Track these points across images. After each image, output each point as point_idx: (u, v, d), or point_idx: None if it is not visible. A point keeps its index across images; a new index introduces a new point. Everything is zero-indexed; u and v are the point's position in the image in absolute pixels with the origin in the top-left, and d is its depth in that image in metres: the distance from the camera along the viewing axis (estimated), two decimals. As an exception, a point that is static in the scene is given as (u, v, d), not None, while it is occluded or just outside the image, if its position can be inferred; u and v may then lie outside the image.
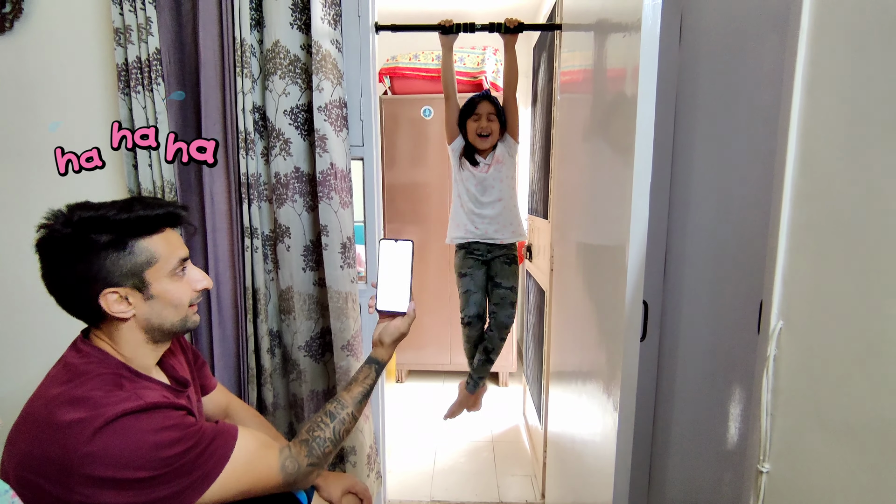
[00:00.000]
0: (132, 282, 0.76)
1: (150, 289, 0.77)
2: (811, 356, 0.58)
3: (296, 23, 1.22)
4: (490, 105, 1.72)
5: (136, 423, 0.69)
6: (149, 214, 0.77)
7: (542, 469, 1.79)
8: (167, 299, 0.79)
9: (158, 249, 0.78)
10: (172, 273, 0.79)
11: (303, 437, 0.87)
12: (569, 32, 1.43)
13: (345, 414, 0.91)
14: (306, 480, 0.86)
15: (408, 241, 1.00)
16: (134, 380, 0.77)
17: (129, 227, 0.76)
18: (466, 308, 1.81)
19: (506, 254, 1.81)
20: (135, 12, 1.21)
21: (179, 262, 0.80)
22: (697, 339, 1.03)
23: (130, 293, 0.76)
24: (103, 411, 0.68)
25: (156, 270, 0.77)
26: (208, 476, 0.73)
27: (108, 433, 0.67)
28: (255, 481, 0.79)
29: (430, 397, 2.72)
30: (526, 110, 2.65)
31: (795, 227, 0.61)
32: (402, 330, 0.99)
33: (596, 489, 1.03)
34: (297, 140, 1.26)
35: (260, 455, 0.81)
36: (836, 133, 0.55)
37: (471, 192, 1.76)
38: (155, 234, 0.78)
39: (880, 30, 0.49)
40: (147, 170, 1.27)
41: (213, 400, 1.05)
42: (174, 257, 0.79)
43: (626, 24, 0.87)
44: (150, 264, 0.77)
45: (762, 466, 0.64)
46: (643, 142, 0.82)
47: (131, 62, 1.23)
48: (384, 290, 1.00)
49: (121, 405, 0.69)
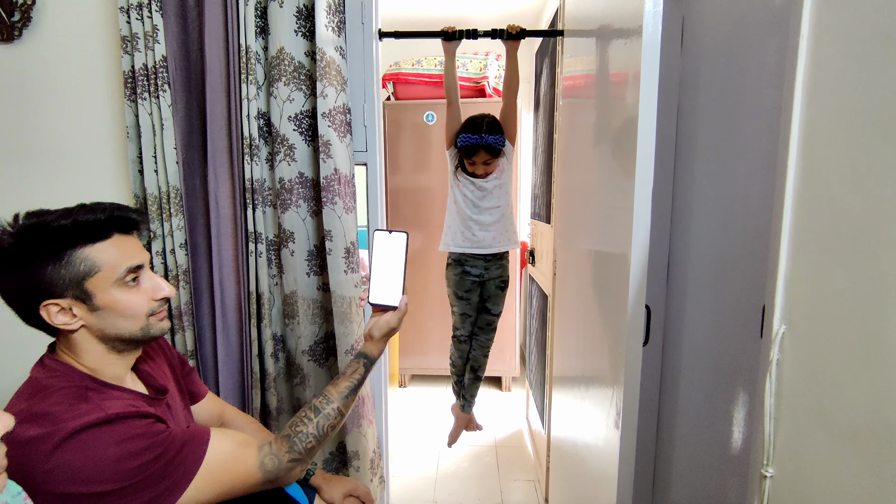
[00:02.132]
0: (73, 293, 0.72)
1: (94, 300, 0.73)
2: (814, 360, 0.58)
3: (300, 30, 1.23)
4: (487, 154, 1.68)
5: (97, 436, 0.67)
6: (89, 220, 0.72)
7: (545, 474, 1.79)
8: (117, 310, 0.74)
9: (102, 258, 0.73)
10: (121, 283, 0.74)
11: (285, 433, 0.85)
12: (571, 38, 1.44)
13: (330, 409, 0.88)
14: (289, 476, 0.83)
15: (402, 233, 0.96)
16: (101, 391, 0.75)
17: (71, 234, 0.71)
18: (462, 328, 1.89)
19: (500, 275, 1.84)
20: (142, 20, 1.23)
21: (127, 272, 0.75)
22: (700, 343, 1.03)
23: (74, 304, 0.72)
24: (63, 426, 0.66)
25: (99, 280, 0.73)
26: (180, 483, 0.71)
27: (68, 448, 0.65)
28: (234, 481, 0.77)
29: (433, 402, 2.72)
30: (528, 115, 2.66)
31: (797, 231, 0.61)
32: (392, 325, 0.96)
33: (599, 494, 1.03)
34: (301, 146, 1.27)
35: (237, 455, 0.78)
36: (838, 137, 0.55)
37: (468, 198, 1.76)
38: (100, 242, 0.73)
39: (880, 34, 0.50)
40: (153, 175, 1.28)
41: (206, 408, 1.03)
42: (120, 266, 0.74)
43: (628, 29, 0.88)
44: (90, 274, 0.72)
45: (766, 471, 0.64)
46: (645, 146, 0.82)
47: (138, 69, 1.24)
48: (377, 282, 0.97)
49: (81, 419, 0.67)
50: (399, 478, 2.01)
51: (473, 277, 1.82)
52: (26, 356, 0.81)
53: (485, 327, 1.90)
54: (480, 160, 1.70)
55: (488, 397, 2.77)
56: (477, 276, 1.82)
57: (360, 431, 1.35)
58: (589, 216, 1.18)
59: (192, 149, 1.30)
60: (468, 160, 1.72)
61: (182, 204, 1.28)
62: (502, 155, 1.75)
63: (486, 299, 1.87)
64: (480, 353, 1.92)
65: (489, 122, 1.70)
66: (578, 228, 1.29)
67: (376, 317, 0.98)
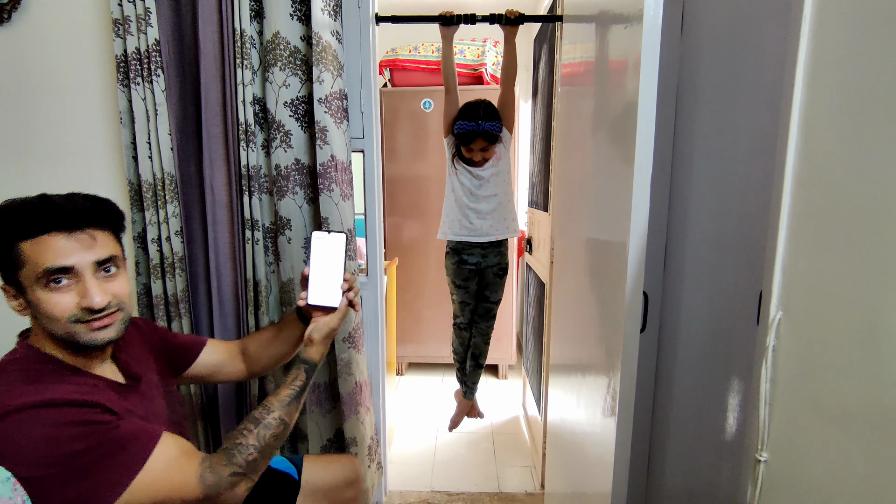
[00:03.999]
0: (13, 282, 0.74)
1: (26, 293, 0.74)
2: (810, 346, 0.58)
3: (296, 14, 1.21)
4: (484, 141, 1.67)
5: (32, 418, 0.66)
6: (30, 215, 0.73)
7: (541, 459, 1.81)
8: (41, 309, 0.73)
9: (30, 254, 0.72)
10: (40, 283, 0.72)
11: (223, 446, 0.81)
12: (570, 24, 1.42)
13: (271, 418, 0.85)
14: (233, 493, 0.78)
15: (341, 234, 0.99)
16: (60, 374, 0.74)
17: (12, 226, 0.72)
18: (462, 315, 1.90)
19: (498, 263, 1.84)
20: (133, 3, 1.20)
21: (45, 273, 0.72)
22: (697, 329, 1.04)
23: (16, 294, 0.75)
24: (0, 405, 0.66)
25: (24, 275, 0.73)
26: (116, 481, 0.69)
27: (1, 427, 0.65)
28: (171, 491, 0.73)
29: (430, 389, 2.74)
30: (526, 103, 2.64)
31: (795, 217, 0.61)
32: (331, 325, 0.97)
33: (595, 479, 1.04)
34: (297, 132, 1.25)
35: (180, 464, 0.75)
36: (837, 122, 0.55)
37: (465, 185, 1.75)
38: (39, 237, 0.72)
39: (881, 17, 0.49)
40: (147, 161, 1.27)
41: (206, 361, 1.05)
42: (40, 266, 0.72)
43: (628, 15, 0.87)
44: (19, 268, 0.73)
45: (760, 455, 0.65)
46: (644, 134, 0.82)
47: (130, 53, 1.22)
48: (315, 284, 0.98)
49: (17, 399, 0.67)
50: (396, 464, 2.02)
51: (471, 266, 1.82)
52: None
53: (484, 315, 1.90)
54: (478, 147, 1.69)
55: (485, 385, 2.79)
56: (474, 265, 1.82)
57: (357, 418, 1.36)
58: (587, 204, 1.17)
59: (187, 135, 1.28)
60: (465, 148, 1.71)
61: (177, 191, 1.27)
62: (499, 142, 1.73)
63: (485, 287, 1.87)
64: (481, 341, 1.93)
65: (486, 108, 1.68)
66: (576, 216, 1.29)
67: (316, 319, 0.98)
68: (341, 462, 1.16)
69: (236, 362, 1.11)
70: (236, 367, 1.11)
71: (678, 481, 1.11)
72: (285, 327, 1.10)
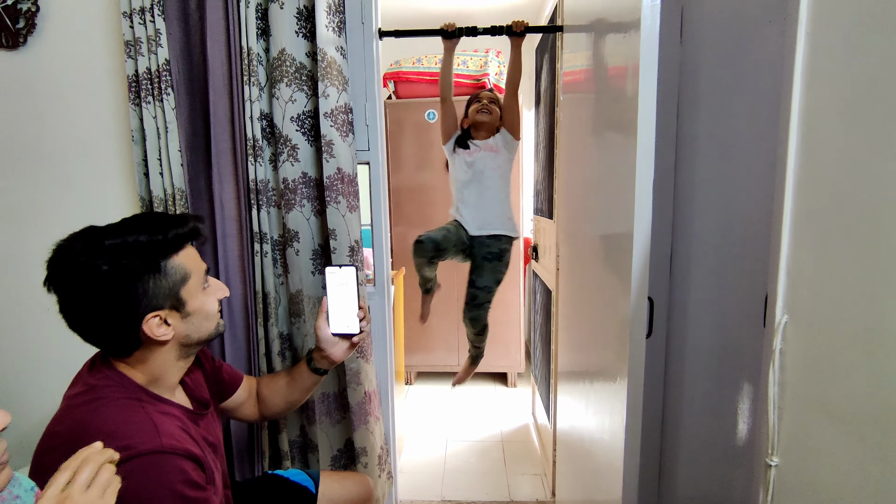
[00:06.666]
0: (170, 302, 0.76)
1: (187, 306, 0.78)
2: (817, 349, 0.58)
3: (301, 31, 1.24)
4: (492, 94, 1.80)
5: (165, 464, 0.69)
6: (179, 233, 0.77)
7: (551, 467, 1.80)
8: (203, 312, 0.80)
9: (188, 265, 0.78)
10: (202, 286, 0.81)
11: None
12: (570, 34, 1.44)
13: None
14: None
15: (351, 266, 1.07)
16: (154, 403, 0.77)
17: (161, 247, 0.75)
18: (428, 232, 1.73)
19: (488, 250, 1.75)
20: (144, 25, 1.24)
21: (205, 275, 0.82)
22: (704, 334, 1.04)
23: (170, 314, 0.76)
24: (134, 447, 0.67)
25: (190, 287, 0.78)
26: None
27: (137, 467, 0.66)
28: None
29: (439, 399, 2.73)
30: (529, 112, 2.65)
31: (798, 220, 0.61)
32: (340, 359, 1.08)
33: (606, 486, 1.04)
34: (304, 146, 1.28)
35: None
36: (837, 124, 0.55)
37: (459, 178, 1.76)
38: (181, 251, 0.78)
39: (878, 20, 0.50)
40: (158, 178, 1.29)
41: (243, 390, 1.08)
42: (201, 270, 0.81)
43: (626, 23, 0.88)
44: (184, 281, 0.77)
45: (771, 460, 0.64)
46: (645, 139, 0.82)
47: (142, 73, 1.26)
48: (335, 314, 1.07)
49: (151, 442, 0.69)
50: (407, 473, 2.02)
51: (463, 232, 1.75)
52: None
53: (469, 302, 1.79)
54: (486, 97, 1.76)
55: (494, 393, 2.78)
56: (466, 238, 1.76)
57: (367, 428, 1.36)
58: (591, 211, 1.18)
59: (196, 151, 1.31)
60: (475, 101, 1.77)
61: (188, 206, 1.29)
62: (500, 128, 1.75)
63: (472, 270, 1.79)
64: (470, 329, 1.84)
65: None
66: (581, 223, 1.29)
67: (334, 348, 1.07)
68: (355, 479, 1.20)
69: (253, 403, 1.13)
70: (251, 409, 1.12)
71: (690, 488, 1.10)
72: (297, 376, 1.12)
